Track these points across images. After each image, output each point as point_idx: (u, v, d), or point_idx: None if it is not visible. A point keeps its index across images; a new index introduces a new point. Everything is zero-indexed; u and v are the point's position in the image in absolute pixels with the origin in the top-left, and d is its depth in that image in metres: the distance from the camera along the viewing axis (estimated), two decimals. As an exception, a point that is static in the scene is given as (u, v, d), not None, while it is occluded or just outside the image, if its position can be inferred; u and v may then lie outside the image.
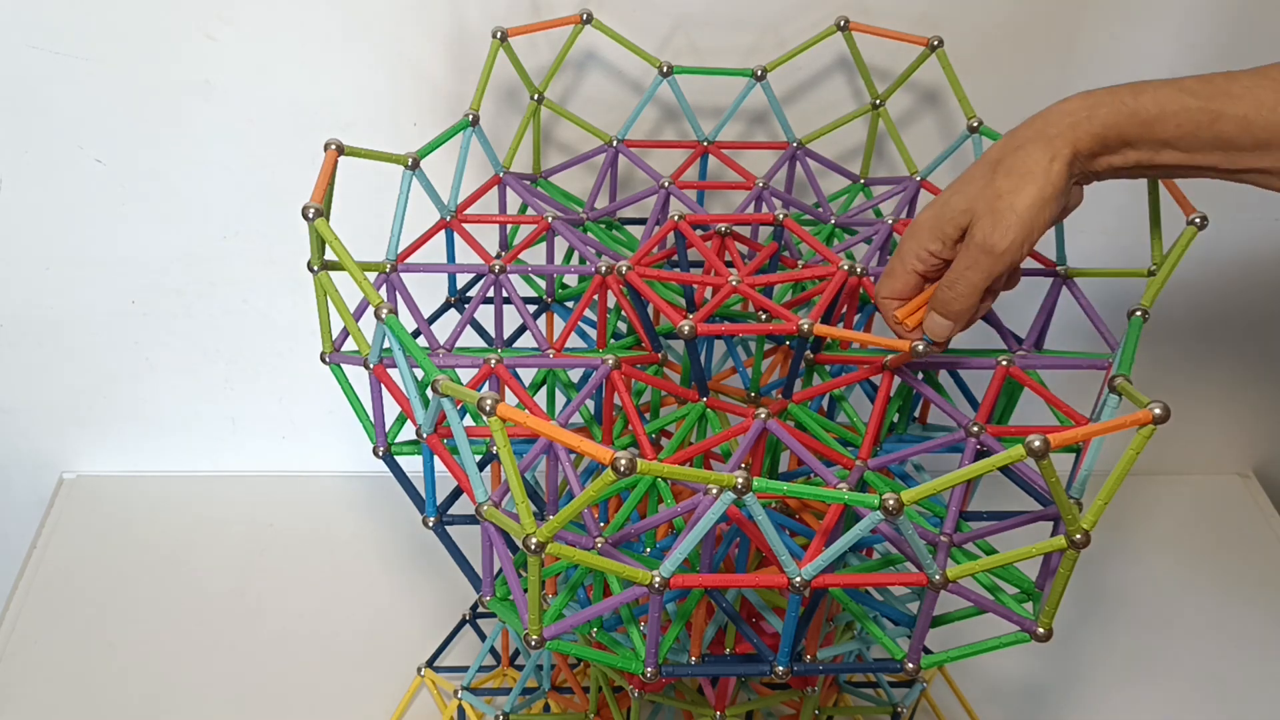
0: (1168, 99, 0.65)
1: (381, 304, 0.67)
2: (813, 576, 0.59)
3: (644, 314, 0.78)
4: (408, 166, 0.83)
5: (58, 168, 1.05)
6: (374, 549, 1.20)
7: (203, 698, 1.05)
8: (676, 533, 0.77)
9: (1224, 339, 1.24)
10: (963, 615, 0.71)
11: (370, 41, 1.00)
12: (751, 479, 0.55)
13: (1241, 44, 1.03)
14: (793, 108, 1.04)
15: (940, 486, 0.57)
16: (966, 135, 0.92)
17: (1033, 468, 0.65)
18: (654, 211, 0.88)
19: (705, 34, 1.01)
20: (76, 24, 0.98)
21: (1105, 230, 1.11)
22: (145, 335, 1.17)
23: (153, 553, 1.18)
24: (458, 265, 0.85)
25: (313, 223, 0.70)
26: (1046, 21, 1.02)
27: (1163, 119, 0.65)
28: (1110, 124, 0.66)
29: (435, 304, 0.88)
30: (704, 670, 0.71)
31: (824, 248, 0.79)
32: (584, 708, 0.95)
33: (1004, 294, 0.73)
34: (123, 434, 1.24)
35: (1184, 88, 0.65)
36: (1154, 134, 0.66)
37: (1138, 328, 0.72)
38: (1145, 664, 1.12)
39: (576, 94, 1.04)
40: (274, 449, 1.26)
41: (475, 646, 1.08)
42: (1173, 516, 1.28)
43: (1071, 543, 0.60)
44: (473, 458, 0.63)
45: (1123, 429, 0.58)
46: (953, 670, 1.08)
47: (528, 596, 0.61)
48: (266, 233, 1.11)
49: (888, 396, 0.75)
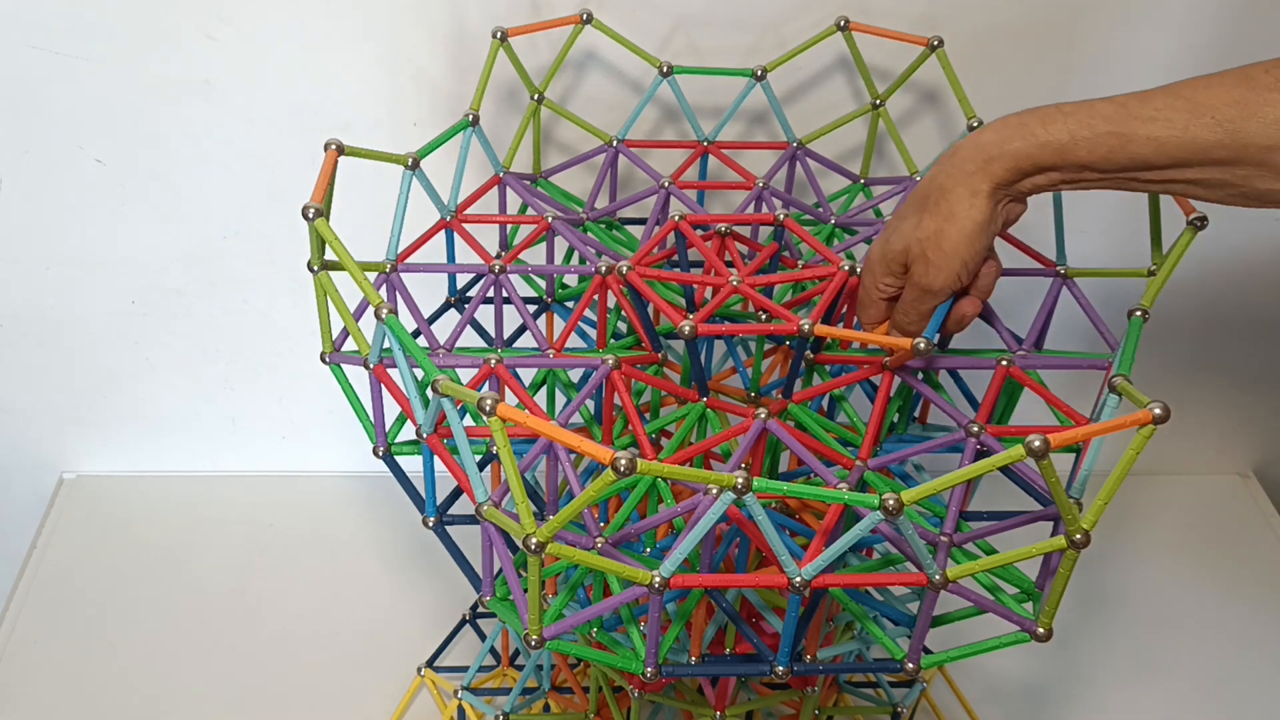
0: (1079, 125, 0.66)
1: (381, 304, 0.67)
2: (813, 576, 0.59)
3: (644, 314, 0.78)
4: (408, 166, 0.83)
5: (58, 168, 1.05)
6: (374, 549, 1.20)
7: (203, 698, 1.05)
8: (676, 533, 0.77)
9: (1224, 339, 1.24)
10: (963, 615, 0.71)
11: (370, 41, 1.01)
12: (751, 479, 0.55)
13: (1242, 44, 1.03)
14: (793, 108, 1.04)
15: (940, 486, 0.57)
16: (966, 135, 0.92)
17: (1033, 468, 0.65)
18: (654, 211, 0.88)
19: (705, 34, 1.01)
20: (76, 24, 0.98)
21: (1105, 230, 1.11)
22: (145, 335, 1.17)
23: (153, 553, 1.18)
24: (458, 265, 0.85)
25: (313, 223, 0.70)
26: (1046, 21, 1.02)
27: (1075, 145, 0.67)
28: (1023, 154, 0.67)
29: (435, 304, 0.88)
30: (704, 670, 0.71)
31: (824, 248, 0.79)
32: (584, 708, 0.95)
33: (1004, 294, 0.74)
34: (123, 434, 1.24)
35: (1096, 112, 0.66)
36: (1069, 159, 0.67)
37: (1138, 328, 0.72)
38: (1145, 664, 1.12)
39: (576, 94, 1.04)
40: (274, 449, 1.26)
41: (475, 646, 1.08)
42: (1173, 516, 1.28)
43: (1071, 543, 0.60)
44: (473, 458, 0.63)
45: (1123, 429, 0.58)
46: (953, 670, 1.08)
47: (528, 596, 0.61)
48: (266, 233, 1.11)
49: (888, 396, 0.75)
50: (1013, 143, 0.67)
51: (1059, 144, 0.67)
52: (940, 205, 0.69)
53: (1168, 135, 0.65)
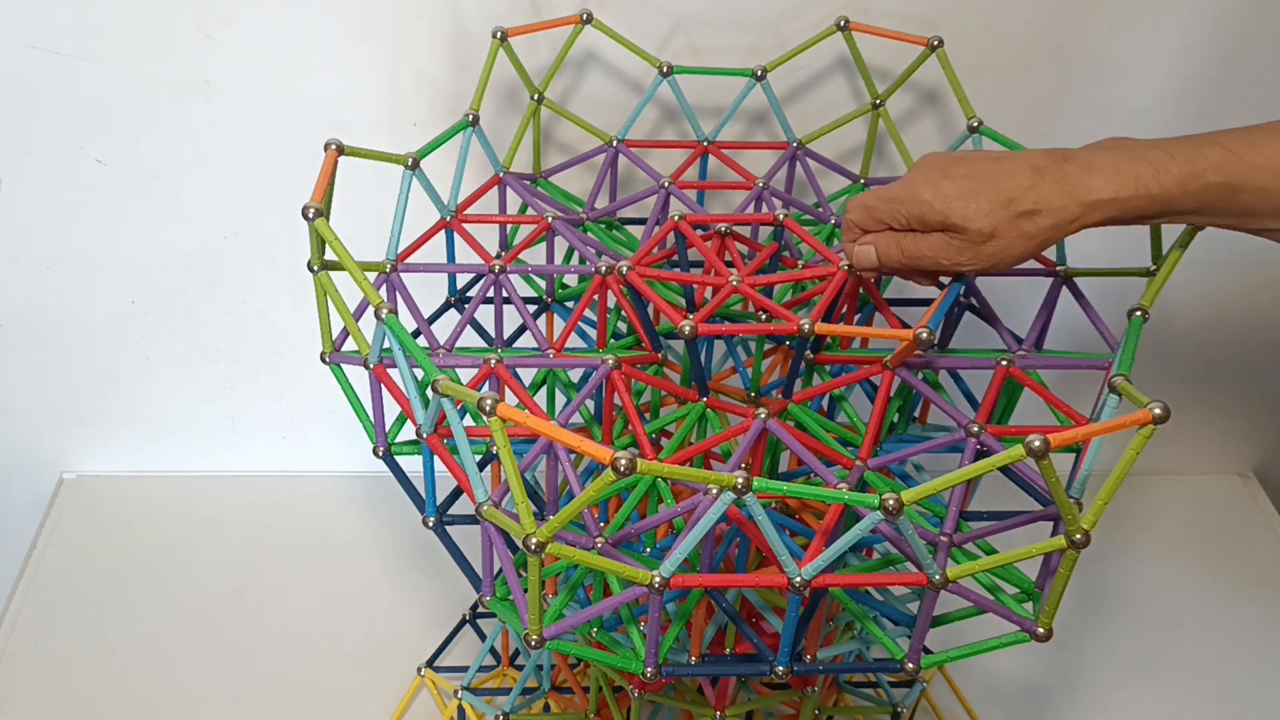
0: (1189, 175, 0.65)
1: (381, 304, 0.67)
2: (813, 576, 0.59)
3: (644, 314, 0.78)
4: (408, 166, 0.83)
5: (58, 168, 1.05)
6: (374, 549, 1.20)
7: (203, 698, 1.05)
8: (676, 533, 0.77)
9: (1224, 339, 1.24)
10: (963, 615, 0.71)
11: (370, 41, 1.00)
12: (751, 479, 0.55)
13: (1242, 45, 1.03)
14: (793, 108, 1.04)
15: (940, 486, 0.57)
16: (966, 135, 0.92)
17: (1033, 468, 0.65)
18: (654, 211, 0.88)
19: (705, 34, 1.01)
20: (76, 24, 0.98)
21: (1105, 230, 1.11)
22: (145, 335, 1.17)
23: (153, 553, 1.18)
24: (458, 265, 0.85)
25: (313, 223, 0.70)
26: (1046, 21, 1.02)
27: (1184, 198, 0.66)
28: (1130, 207, 0.67)
29: (435, 304, 0.88)
30: (704, 670, 0.71)
31: (824, 248, 0.79)
32: (584, 708, 0.95)
33: (1004, 294, 0.74)
34: (123, 434, 1.24)
35: (1207, 161, 0.65)
36: (1174, 209, 0.67)
37: (1138, 328, 0.72)
38: (1145, 664, 1.12)
39: (576, 94, 1.04)
40: (274, 449, 1.26)
41: (475, 646, 1.08)
42: (1173, 516, 1.28)
43: (1071, 543, 0.60)
44: (473, 458, 0.63)
45: (1123, 429, 0.58)
46: (953, 670, 1.08)
47: (528, 596, 0.61)
48: (266, 233, 1.11)
49: (888, 396, 0.75)
50: (1124, 192, 0.66)
51: (1169, 196, 0.66)
52: (1025, 221, 0.67)
53: (1276, 185, 0.64)
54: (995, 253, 0.68)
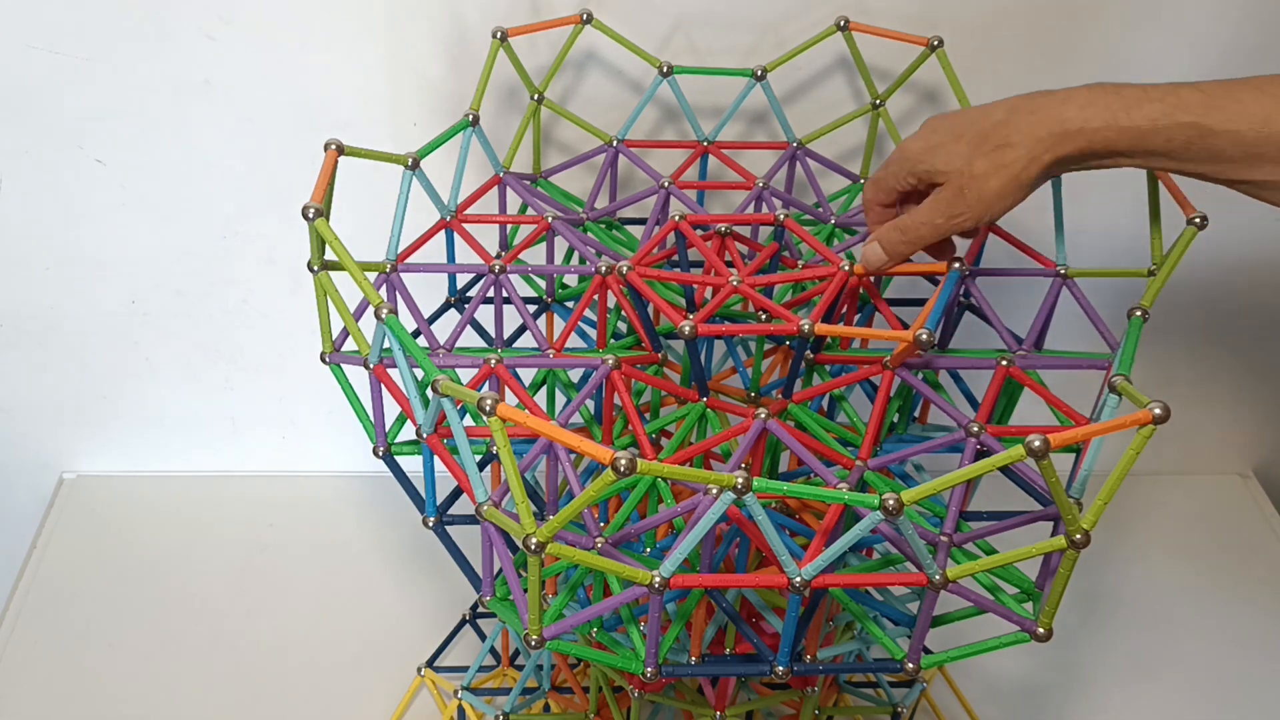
0: (1162, 112, 0.66)
1: (381, 304, 0.67)
2: (813, 576, 0.59)
3: (644, 314, 0.78)
4: (408, 166, 0.83)
5: (58, 168, 1.05)
6: (374, 549, 1.20)
7: (202, 698, 1.05)
8: (676, 533, 0.77)
9: (1224, 339, 1.24)
10: (963, 615, 0.71)
11: (370, 41, 1.00)
12: (751, 479, 0.55)
13: (1242, 43, 1.03)
14: (793, 108, 1.04)
15: (940, 486, 0.57)
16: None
17: (1033, 468, 0.65)
18: (654, 211, 0.88)
19: (705, 34, 1.01)
20: (76, 24, 0.98)
21: (1105, 230, 1.11)
22: (145, 335, 1.17)
23: (153, 553, 1.18)
24: (458, 265, 0.85)
25: (313, 223, 0.70)
26: (1046, 21, 1.02)
27: (1155, 133, 0.66)
28: (1100, 137, 0.67)
29: (435, 304, 0.88)
30: (704, 670, 0.71)
31: (824, 248, 0.79)
32: (584, 708, 0.95)
33: (1004, 294, 0.74)
34: (123, 434, 1.24)
35: (1181, 100, 0.66)
36: (1145, 146, 0.67)
37: (1138, 328, 0.72)
38: (1145, 664, 1.12)
39: (576, 94, 1.04)
40: (274, 449, 1.26)
41: (475, 646, 1.08)
42: (1173, 516, 1.28)
43: (1071, 543, 0.60)
44: (473, 458, 0.63)
45: (1123, 429, 0.58)
46: (953, 670, 1.08)
47: (528, 596, 0.61)
48: (266, 233, 1.11)
49: (888, 396, 0.75)
50: (1094, 122, 0.67)
51: (1139, 130, 0.66)
52: (998, 154, 0.68)
53: (1248, 129, 0.64)
54: (981, 193, 0.69)
